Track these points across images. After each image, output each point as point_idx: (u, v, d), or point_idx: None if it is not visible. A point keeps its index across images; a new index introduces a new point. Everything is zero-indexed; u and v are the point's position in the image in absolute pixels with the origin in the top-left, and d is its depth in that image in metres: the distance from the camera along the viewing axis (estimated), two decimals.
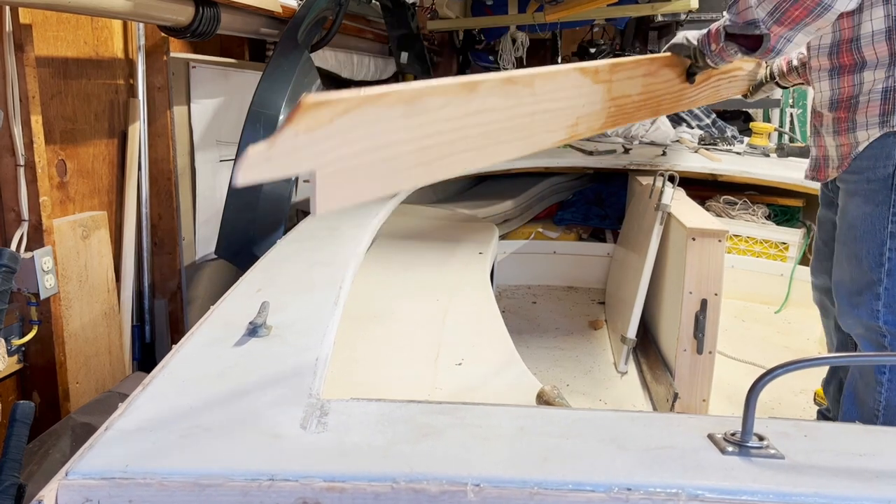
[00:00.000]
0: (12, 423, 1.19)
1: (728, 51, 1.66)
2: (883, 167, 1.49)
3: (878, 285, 1.52)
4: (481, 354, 1.75)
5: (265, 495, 0.77)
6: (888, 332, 1.53)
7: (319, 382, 1.03)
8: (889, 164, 1.48)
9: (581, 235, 3.57)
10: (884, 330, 1.54)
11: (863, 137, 1.52)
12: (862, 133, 1.52)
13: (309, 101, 0.83)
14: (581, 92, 1.39)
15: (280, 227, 2.66)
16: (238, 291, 1.45)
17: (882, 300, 1.52)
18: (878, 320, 1.54)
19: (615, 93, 1.53)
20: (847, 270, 1.60)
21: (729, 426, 0.90)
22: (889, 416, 1.56)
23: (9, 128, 2.07)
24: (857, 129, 1.53)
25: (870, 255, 1.53)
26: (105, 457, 0.81)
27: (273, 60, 2.83)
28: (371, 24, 4.44)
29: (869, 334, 1.59)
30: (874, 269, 1.52)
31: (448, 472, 0.80)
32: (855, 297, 1.58)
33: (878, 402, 1.57)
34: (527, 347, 2.67)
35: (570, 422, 0.94)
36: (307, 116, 0.83)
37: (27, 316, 2.17)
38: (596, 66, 1.40)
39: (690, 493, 0.78)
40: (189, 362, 1.09)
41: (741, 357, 2.65)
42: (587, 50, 5.43)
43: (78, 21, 2.45)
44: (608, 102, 1.51)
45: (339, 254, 1.75)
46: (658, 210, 2.37)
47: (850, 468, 0.84)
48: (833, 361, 1.66)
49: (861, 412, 1.63)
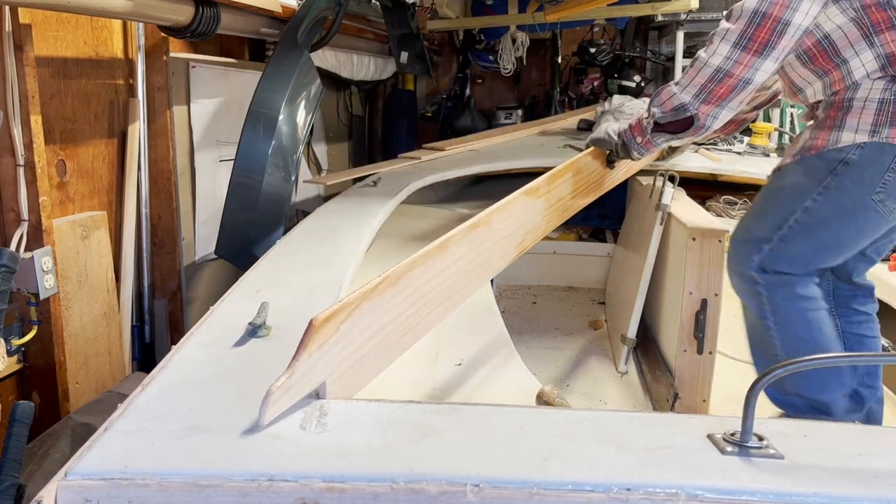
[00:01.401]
0: (12, 423, 1.18)
1: (655, 141, 1.81)
2: (836, 153, 1.57)
3: (765, 243, 1.63)
4: (481, 355, 1.75)
5: (264, 496, 0.77)
6: (760, 279, 1.64)
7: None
8: (842, 153, 1.56)
9: (581, 235, 3.57)
10: (756, 277, 1.64)
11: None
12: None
13: (319, 320, 0.91)
14: (526, 212, 1.56)
15: (280, 227, 2.66)
16: (237, 292, 1.45)
17: (762, 254, 1.63)
18: (750, 269, 1.64)
19: (552, 199, 1.70)
20: (750, 221, 1.72)
21: (728, 426, 0.90)
22: (789, 353, 1.66)
23: (8, 128, 2.07)
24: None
25: (776, 215, 1.62)
26: (104, 457, 0.81)
27: (273, 60, 2.83)
28: (371, 24, 4.44)
29: (743, 281, 1.69)
30: (770, 229, 1.62)
31: (447, 472, 0.80)
32: (743, 245, 1.68)
33: (775, 346, 1.68)
34: (527, 347, 2.67)
35: (569, 422, 0.94)
36: (319, 334, 0.92)
37: (27, 316, 2.17)
38: (537, 184, 1.56)
39: (690, 493, 0.78)
40: (188, 363, 1.09)
41: (741, 357, 2.64)
42: (587, 50, 5.42)
43: (78, 21, 2.45)
44: (547, 211, 1.68)
45: (339, 254, 1.74)
46: (658, 210, 2.36)
47: (850, 468, 0.84)
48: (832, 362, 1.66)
49: (766, 359, 1.73)
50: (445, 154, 3.28)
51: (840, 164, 1.55)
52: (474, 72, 5.99)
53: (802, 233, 1.61)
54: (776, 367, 0.87)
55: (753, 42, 1.49)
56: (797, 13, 1.47)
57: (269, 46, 3.54)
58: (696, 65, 1.59)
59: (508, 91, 6.20)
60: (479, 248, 1.34)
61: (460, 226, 1.26)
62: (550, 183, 1.63)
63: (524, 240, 1.57)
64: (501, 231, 1.43)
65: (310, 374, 0.94)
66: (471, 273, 1.33)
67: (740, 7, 1.51)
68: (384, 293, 1.06)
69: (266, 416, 0.87)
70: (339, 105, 5.01)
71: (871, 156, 1.53)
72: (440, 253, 1.19)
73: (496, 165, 3.10)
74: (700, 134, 1.68)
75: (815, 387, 1.72)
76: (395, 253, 2.39)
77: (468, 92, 5.88)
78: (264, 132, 2.66)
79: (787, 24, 1.48)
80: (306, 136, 2.89)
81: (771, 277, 1.64)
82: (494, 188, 3.60)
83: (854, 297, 1.86)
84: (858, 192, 1.55)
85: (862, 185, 1.55)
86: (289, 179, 2.72)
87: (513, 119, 5.70)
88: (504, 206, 1.43)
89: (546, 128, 4.18)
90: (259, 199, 2.64)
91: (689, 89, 1.60)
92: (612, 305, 3.00)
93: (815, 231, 1.61)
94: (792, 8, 1.47)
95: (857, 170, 1.54)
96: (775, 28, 1.48)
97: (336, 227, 1.99)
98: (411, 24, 4.39)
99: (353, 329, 1.01)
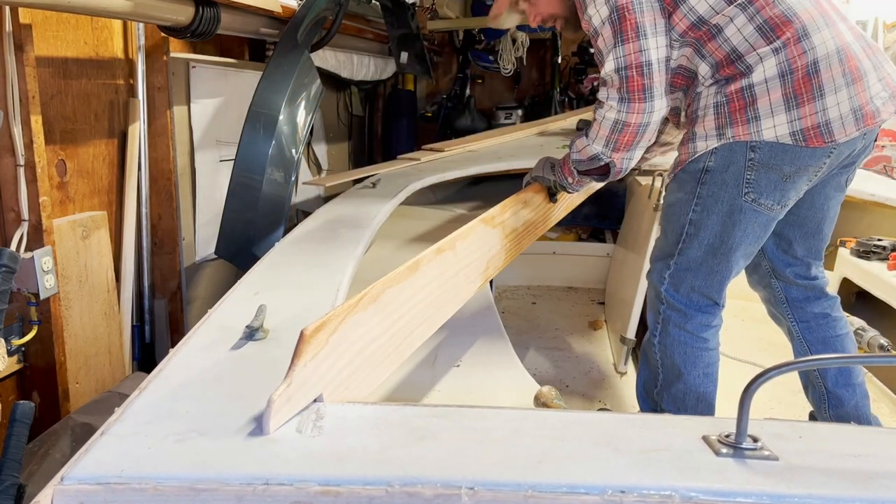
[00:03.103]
0: (12, 423, 1.19)
1: (584, 181, 1.93)
2: (696, 163, 1.65)
3: (670, 259, 1.71)
4: (480, 356, 1.76)
5: (260, 500, 0.77)
6: (665, 299, 1.72)
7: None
8: (700, 162, 1.63)
9: (581, 235, 3.57)
10: (663, 296, 1.72)
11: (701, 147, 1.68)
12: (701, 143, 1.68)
13: (309, 330, 0.94)
14: (485, 240, 1.68)
15: (280, 227, 2.67)
16: (236, 294, 1.46)
17: (670, 270, 1.71)
18: (662, 286, 1.73)
19: (507, 230, 1.85)
20: (659, 240, 1.81)
21: (724, 428, 0.90)
22: (666, 374, 1.75)
23: (9, 128, 2.08)
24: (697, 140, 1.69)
25: (673, 232, 1.71)
26: (100, 461, 0.81)
27: (273, 60, 2.83)
28: (371, 24, 4.44)
29: (654, 296, 1.78)
30: (673, 245, 1.70)
31: (443, 475, 0.80)
32: (656, 263, 1.77)
33: (657, 361, 1.76)
34: (526, 348, 2.67)
35: (564, 424, 0.94)
36: (310, 345, 0.95)
37: (27, 316, 2.18)
38: (492, 213, 1.72)
39: (684, 495, 0.78)
40: (185, 366, 1.10)
41: (741, 357, 2.64)
42: (587, 50, 5.42)
43: (78, 21, 2.45)
44: (504, 241, 1.81)
45: (337, 256, 1.75)
46: (658, 210, 2.36)
47: (844, 469, 0.84)
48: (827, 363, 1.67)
49: (647, 368, 1.81)
50: (445, 155, 3.28)
51: (702, 174, 1.62)
52: (474, 72, 5.99)
53: (695, 243, 1.66)
54: (770, 369, 0.87)
55: (632, 92, 1.59)
56: (651, 51, 1.58)
57: (269, 46, 3.54)
58: (597, 120, 1.68)
59: (508, 91, 6.19)
60: (447, 272, 1.43)
61: (428, 249, 1.35)
62: (502, 212, 1.76)
63: (488, 266, 1.68)
64: (464, 257, 1.54)
65: (307, 385, 0.95)
66: (441, 297, 1.42)
67: (607, 74, 1.61)
68: (367, 308, 1.10)
69: (271, 425, 0.88)
70: (339, 105, 5.01)
71: (725, 157, 1.59)
72: (412, 273, 1.27)
73: (496, 166, 3.10)
74: (620, 176, 1.78)
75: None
76: (395, 255, 2.40)
77: (468, 92, 5.88)
78: (264, 132, 2.67)
79: (650, 64, 1.58)
80: (306, 137, 2.89)
81: (673, 303, 1.71)
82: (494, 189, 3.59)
83: (807, 300, 1.89)
84: (727, 196, 1.60)
85: (727, 189, 1.60)
86: (289, 180, 2.73)
87: (512, 119, 5.70)
88: (465, 232, 1.53)
89: (546, 128, 4.18)
90: (259, 200, 2.64)
91: (598, 141, 1.69)
92: (612, 305, 3.00)
93: (704, 239, 1.65)
94: (644, 50, 1.57)
95: (717, 174, 1.60)
96: (643, 72, 1.58)
97: (335, 229, 1.99)
98: (411, 24, 4.39)
99: (343, 342, 1.03)
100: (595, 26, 1.62)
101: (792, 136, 1.51)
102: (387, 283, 1.18)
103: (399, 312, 1.22)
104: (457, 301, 1.51)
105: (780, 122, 1.52)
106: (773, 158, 1.54)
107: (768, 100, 1.52)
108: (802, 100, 1.50)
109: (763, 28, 1.53)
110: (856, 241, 2.65)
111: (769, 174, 1.55)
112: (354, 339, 1.08)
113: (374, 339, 1.14)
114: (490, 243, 1.72)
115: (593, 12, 1.61)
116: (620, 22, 1.57)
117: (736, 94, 1.55)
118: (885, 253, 2.55)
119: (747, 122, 1.54)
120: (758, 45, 1.53)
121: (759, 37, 1.53)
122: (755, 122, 1.53)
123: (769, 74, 1.51)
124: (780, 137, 1.52)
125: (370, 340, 1.13)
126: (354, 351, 1.08)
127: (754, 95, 1.53)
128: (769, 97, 1.52)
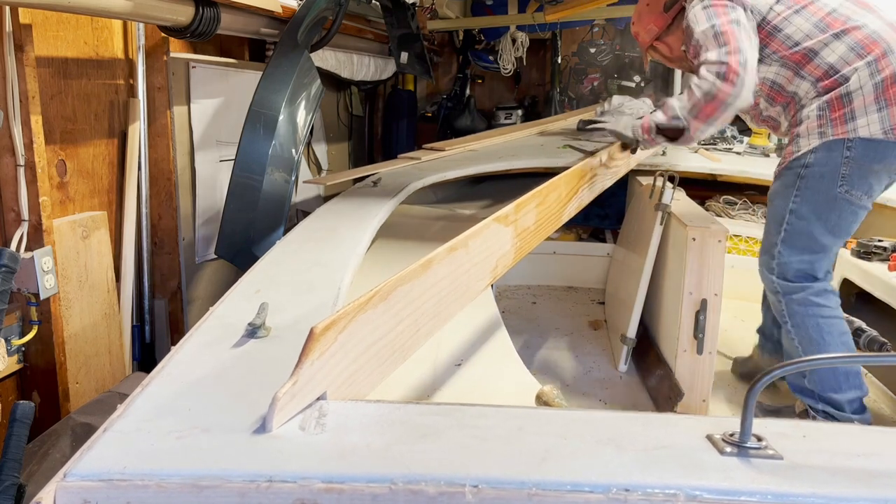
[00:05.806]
0: (12, 423, 1.19)
1: (657, 140, 2.21)
2: (798, 160, 1.95)
3: (774, 248, 1.98)
4: (481, 355, 1.76)
5: (263, 496, 0.77)
6: (779, 286, 1.98)
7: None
8: (802, 159, 1.93)
9: (581, 235, 3.57)
10: (776, 285, 1.99)
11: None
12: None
13: (319, 328, 0.94)
14: (498, 238, 1.71)
15: (280, 227, 2.66)
16: (237, 292, 1.45)
17: (776, 260, 1.98)
18: (773, 274, 1.99)
19: (519, 229, 1.87)
20: (764, 235, 2.08)
21: (727, 427, 0.90)
22: (807, 353, 1.94)
23: (9, 128, 2.08)
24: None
25: (776, 223, 1.99)
26: (103, 458, 0.81)
27: (273, 60, 2.83)
28: (371, 24, 4.44)
29: (769, 286, 2.04)
30: (775, 235, 1.99)
31: (446, 473, 0.80)
32: (763, 255, 2.05)
33: (797, 349, 1.98)
34: (527, 347, 2.67)
35: (567, 422, 0.94)
36: (319, 343, 0.94)
37: (27, 316, 2.17)
38: (506, 212, 1.70)
39: (688, 493, 0.78)
40: (187, 364, 1.09)
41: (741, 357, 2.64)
42: (587, 50, 5.42)
43: (78, 21, 2.45)
44: (515, 239, 1.84)
45: (338, 255, 1.74)
46: (658, 210, 2.36)
47: (848, 468, 0.84)
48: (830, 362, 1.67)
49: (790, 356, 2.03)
50: (445, 154, 3.28)
51: (803, 168, 1.92)
52: (474, 72, 5.99)
53: (796, 232, 1.94)
54: (774, 368, 0.87)
55: (728, 74, 1.88)
56: (748, 52, 1.89)
57: (269, 46, 3.54)
58: (691, 89, 1.96)
59: (508, 91, 6.20)
60: (458, 270, 1.45)
61: (440, 247, 1.35)
62: (517, 211, 1.80)
63: (497, 265, 1.72)
64: (477, 255, 1.56)
65: (312, 382, 0.95)
66: (450, 295, 1.43)
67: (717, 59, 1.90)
68: (377, 306, 1.10)
69: (275, 423, 0.88)
70: (339, 105, 5.01)
71: (824, 154, 1.88)
72: (424, 271, 1.28)
73: (496, 166, 3.10)
74: (689, 142, 2.09)
75: (829, 386, 1.94)
76: (395, 254, 2.40)
77: (468, 92, 5.88)
78: (264, 132, 2.66)
79: (747, 62, 1.88)
80: (306, 136, 2.89)
81: (787, 284, 1.96)
82: (494, 188, 3.60)
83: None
84: (824, 188, 1.89)
85: (824, 181, 1.89)
86: (289, 179, 2.72)
87: (513, 119, 5.70)
88: (479, 230, 1.56)
89: (546, 128, 4.18)
90: (259, 200, 2.64)
91: (686, 106, 1.98)
92: (612, 305, 3.00)
93: (805, 227, 1.93)
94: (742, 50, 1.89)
95: (816, 169, 1.90)
96: (742, 64, 1.88)
97: (336, 228, 1.99)
98: (411, 24, 4.39)
99: (351, 340, 1.03)
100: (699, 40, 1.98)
101: (883, 132, 1.81)
102: (398, 281, 1.17)
103: (407, 311, 1.22)
104: (464, 300, 1.52)
105: (873, 121, 1.82)
106: (865, 155, 1.84)
107: (863, 102, 1.83)
108: (892, 102, 1.81)
109: (855, 48, 1.87)
110: (856, 242, 2.65)
111: (860, 169, 1.85)
112: (362, 337, 1.07)
113: (381, 336, 1.13)
114: (501, 242, 1.74)
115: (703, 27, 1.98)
116: (723, 35, 1.93)
117: (836, 101, 1.87)
118: (886, 254, 2.55)
119: (845, 121, 1.85)
120: (852, 61, 1.86)
121: (854, 55, 1.86)
122: (852, 122, 1.84)
123: (864, 82, 1.84)
124: (874, 133, 1.82)
125: (377, 338, 1.12)
126: (361, 349, 1.07)
127: (851, 100, 1.85)
128: (864, 100, 1.83)
